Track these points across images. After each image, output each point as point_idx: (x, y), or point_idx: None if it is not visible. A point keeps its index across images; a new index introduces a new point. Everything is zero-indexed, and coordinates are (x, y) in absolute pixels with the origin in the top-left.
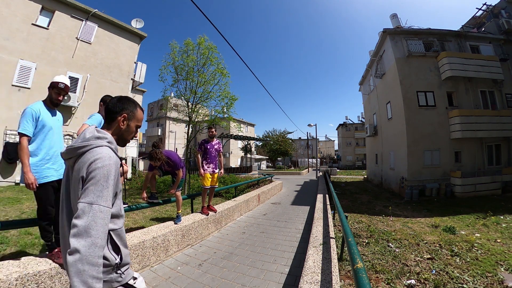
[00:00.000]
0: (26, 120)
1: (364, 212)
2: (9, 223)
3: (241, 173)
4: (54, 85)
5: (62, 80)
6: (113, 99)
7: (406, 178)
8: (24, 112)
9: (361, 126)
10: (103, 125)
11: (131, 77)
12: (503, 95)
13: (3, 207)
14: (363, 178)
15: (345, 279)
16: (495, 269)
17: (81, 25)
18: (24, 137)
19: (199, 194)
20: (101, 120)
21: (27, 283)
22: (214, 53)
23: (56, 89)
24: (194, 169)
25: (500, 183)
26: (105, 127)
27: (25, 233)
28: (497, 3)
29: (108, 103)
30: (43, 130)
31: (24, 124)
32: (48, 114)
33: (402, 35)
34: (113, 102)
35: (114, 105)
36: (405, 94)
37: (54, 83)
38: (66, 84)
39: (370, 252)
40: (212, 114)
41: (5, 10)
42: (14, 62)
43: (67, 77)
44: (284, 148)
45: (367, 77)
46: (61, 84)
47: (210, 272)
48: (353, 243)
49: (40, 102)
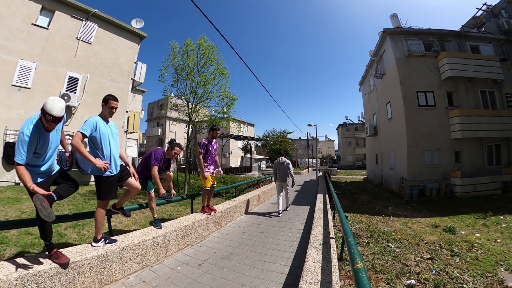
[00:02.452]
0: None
1: (364, 212)
2: (9, 223)
3: (241, 173)
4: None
5: (53, 113)
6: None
7: (406, 178)
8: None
9: (361, 126)
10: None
11: (131, 77)
12: (503, 95)
13: (3, 207)
14: (363, 178)
15: (345, 279)
16: (495, 269)
17: (81, 25)
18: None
19: (199, 194)
20: (95, 123)
21: (27, 283)
22: (214, 54)
23: (45, 118)
24: (194, 169)
25: (500, 183)
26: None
27: (25, 233)
28: (497, 3)
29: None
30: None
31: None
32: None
33: (402, 35)
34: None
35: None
36: (405, 94)
37: (43, 111)
38: (55, 117)
39: (370, 252)
40: (212, 114)
41: (5, 10)
42: (14, 62)
43: (62, 104)
44: (284, 148)
45: (367, 77)
46: (48, 117)
47: (210, 272)
48: (353, 243)
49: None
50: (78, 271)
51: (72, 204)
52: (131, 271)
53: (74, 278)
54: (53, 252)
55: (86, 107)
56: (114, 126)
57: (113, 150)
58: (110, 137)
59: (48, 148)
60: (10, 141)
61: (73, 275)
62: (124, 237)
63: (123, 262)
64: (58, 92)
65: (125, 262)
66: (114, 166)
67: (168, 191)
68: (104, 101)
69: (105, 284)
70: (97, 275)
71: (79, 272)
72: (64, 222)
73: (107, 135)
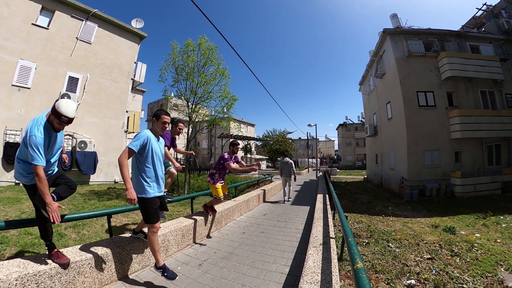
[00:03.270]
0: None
1: (364, 212)
2: (12, 223)
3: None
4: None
5: (69, 114)
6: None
7: (406, 178)
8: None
9: (361, 126)
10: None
11: (131, 77)
12: (503, 95)
13: (3, 207)
14: (363, 178)
15: (345, 279)
16: (495, 269)
17: (81, 25)
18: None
19: (199, 194)
20: (146, 138)
21: (27, 283)
22: (214, 54)
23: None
24: (194, 170)
25: (500, 183)
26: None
27: (25, 233)
28: (497, 3)
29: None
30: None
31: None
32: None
33: (402, 35)
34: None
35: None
36: (405, 94)
37: (58, 113)
38: (70, 118)
39: (370, 252)
40: (212, 114)
41: (5, 10)
42: (14, 62)
43: (75, 106)
44: (284, 148)
45: (367, 77)
46: (64, 118)
47: (210, 272)
48: (353, 243)
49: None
50: (78, 271)
51: (72, 204)
52: (131, 271)
53: (74, 278)
54: (53, 252)
55: (86, 107)
56: (162, 143)
57: (160, 170)
58: (160, 156)
59: (55, 149)
60: (10, 141)
61: (73, 275)
62: (124, 237)
63: (123, 262)
64: (58, 92)
65: (125, 262)
66: (160, 186)
67: (168, 191)
68: (155, 116)
69: (105, 284)
70: (97, 275)
71: (79, 272)
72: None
73: (159, 153)
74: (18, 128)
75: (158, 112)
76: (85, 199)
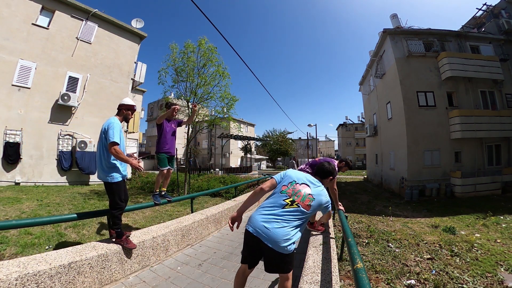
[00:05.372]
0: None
1: (364, 212)
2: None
3: (241, 173)
4: (129, 108)
5: (134, 105)
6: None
7: (406, 178)
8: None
9: (361, 126)
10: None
11: (131, 77)
12: (503, 95)
13: (3, 207)
14: (363, 178)
15: (345, 279)
16: (495, 269)
17: (81, 25)
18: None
19: (199, 194)
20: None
21: (27, 283)
22: (214, 55)
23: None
24: (194, 169)
25: (500, 183)
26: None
27: (25, 233)
28: (497, 3)
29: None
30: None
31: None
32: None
33: (402, 35)
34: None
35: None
36: (405, 94)
37: (130, 106)
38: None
39: (370, 252)
40: (212, 114)
41: (5, 10)
42: (14, 62)
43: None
44: (284, 148)
45: (367, 77)
46: (135, 107)
47: (210, 272)
48: (353, 243)
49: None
50: (78, 271)
51: (72, 204)
52: (131, 271)
53: (74, 278)
54: (123, 238)
55: (86, 107)
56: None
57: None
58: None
59: (123, 144)
60: (10, 141)
61: (73, 275)
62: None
63: (123, 262)
64: (58, 92)
65: (125, 262)
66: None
67: (168, 191)
68: (167, 107)
69: (105, 284)
70: (97, 275)
71: (79, 272)
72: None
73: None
74: (18, 128)
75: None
76: (85, 198)
